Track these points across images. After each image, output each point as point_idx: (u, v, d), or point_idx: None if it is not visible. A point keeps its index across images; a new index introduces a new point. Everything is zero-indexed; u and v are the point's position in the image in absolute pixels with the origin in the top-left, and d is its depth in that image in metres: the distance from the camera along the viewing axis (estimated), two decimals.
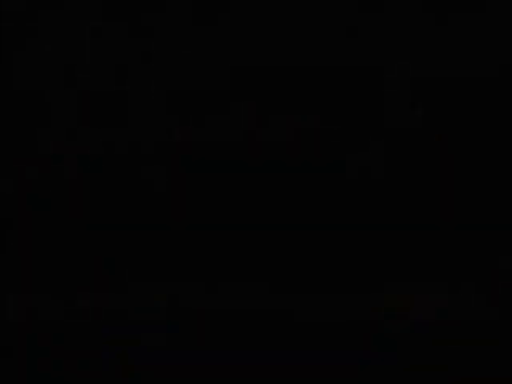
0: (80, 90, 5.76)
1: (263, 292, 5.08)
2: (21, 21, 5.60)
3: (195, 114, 6.29)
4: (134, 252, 6.36)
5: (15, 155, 5.80)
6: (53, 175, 5.82)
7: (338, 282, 5.53)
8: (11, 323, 4.42)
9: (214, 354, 3.85)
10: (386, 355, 3.73)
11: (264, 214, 5.47)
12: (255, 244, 5.32)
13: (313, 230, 5.40)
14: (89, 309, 4.73)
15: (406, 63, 5.83)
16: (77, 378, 3.49)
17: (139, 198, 6.18)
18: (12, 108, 5.77)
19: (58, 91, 5.75)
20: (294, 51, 5.98)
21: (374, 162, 6.24)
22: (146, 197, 6.66)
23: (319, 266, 5.15)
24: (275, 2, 5.88)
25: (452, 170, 6.05)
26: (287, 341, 4.16)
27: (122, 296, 5.27)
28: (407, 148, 6.48)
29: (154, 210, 6.23)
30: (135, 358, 3.76)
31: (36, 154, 5.76)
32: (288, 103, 6.25)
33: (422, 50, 5.78)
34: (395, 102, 6.06)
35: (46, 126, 5.78)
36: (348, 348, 3.85)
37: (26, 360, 3.70)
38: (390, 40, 5.79)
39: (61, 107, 5.71)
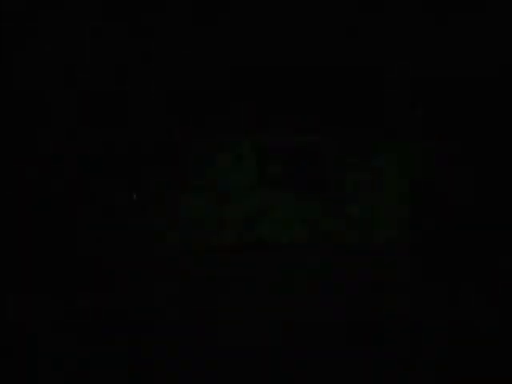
0: (80, 90, 5.76)
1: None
2: (21, 21, 5.60)
3: (195, 114, 6.28)
4: (133, 252, 6.36)
5: (15, 155, 5.79)
6: (53, 175, 5.81)
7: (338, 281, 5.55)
8: (11, 323, 4.44)
9: (214, 354, 3.87)
10: (386, 355, 3.74)
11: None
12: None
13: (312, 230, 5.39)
14: (89, 309, 4.75)
15: (406, 63, 5.82)
16: (77, 378, 3.51)
17: (139, 197, 6.17)
18: (12, 108, 5.76)
19: (58, 91, 5.75)
20: (294, 51, 5.98)
21: (373, 161, 6.24)
22: (145, 197, 6.65)
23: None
24: (275, 2, 5.88)
25: (452, 169, 6.04)
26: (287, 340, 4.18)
27: (121, 296, 5.29)
28: (407, 148, 6.48)
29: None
30: (135, 358, 3.77)
31: (36, 154, 5.76)
32: (288, 103, 6.25)
33: (422, 50, 5.78)
34: (395, 102, 6.05)
35: (46, 126, 5.78)
36: (348, 348, 3.86)
37: (26, 360, 3.71)
38: (390, 40, 5.79)
39: (61, 107, 5.70)
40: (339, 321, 4.44)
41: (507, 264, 5.29)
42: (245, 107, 6.24)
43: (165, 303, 4.98)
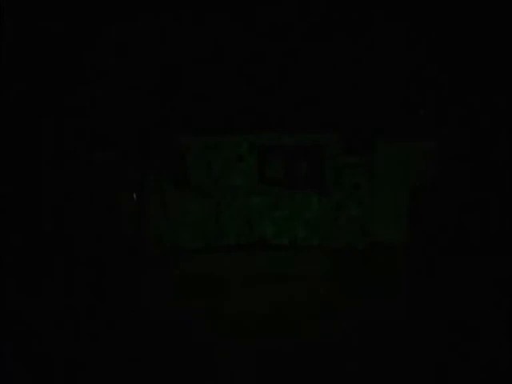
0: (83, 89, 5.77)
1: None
2: (24, 21, 5.60)
3: (195, 113, 6.28)
4: (132, 251, 6.34)
5: (15, 155, 5.79)
6: (52, 175, 5.82)
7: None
8: (11, 323, 4.44)
9: (214, 354, 3.87)
10: (386, 354, 3.75)
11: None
12: None
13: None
14: (88, 308, 4.75)
15: (406, 63, 5.83)
16: (76, 378, 3.50)
17: (139, 197, 6.16)
18: (12, 108, 5.76)
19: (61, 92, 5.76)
20: (294, 51, 5.98)
21: (374, 162, 6.23)
22: (145, 197, 6.63)
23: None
24: (275, 2, 5.88)
25: (452, 169, 6.04)
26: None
27: (120, 296, 5.29)
28: (407, 148, 6.47)
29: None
30: (135, 358, 3.78)
31: (43, 153, 5.77)
32: (288, 103, 6.24)
33: (421, 50, 5.78)
34: (395, 102, 6.05)
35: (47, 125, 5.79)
36: (348, 347, 3.86)
37: (26, 360, 3.71)
38: (390, 39, 5.79)
39: (66, 107, 5.72)
40: (339, 321, 4.45)
41: (507, 264, 5.29)
42: (245, 107, 6.24)
43: (163, 303, 4.98)
